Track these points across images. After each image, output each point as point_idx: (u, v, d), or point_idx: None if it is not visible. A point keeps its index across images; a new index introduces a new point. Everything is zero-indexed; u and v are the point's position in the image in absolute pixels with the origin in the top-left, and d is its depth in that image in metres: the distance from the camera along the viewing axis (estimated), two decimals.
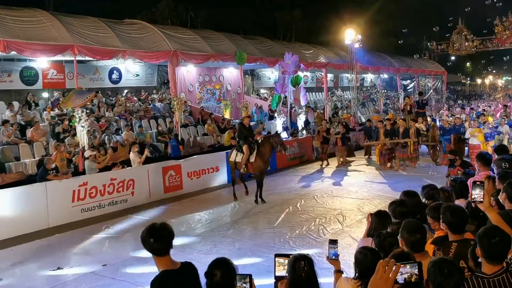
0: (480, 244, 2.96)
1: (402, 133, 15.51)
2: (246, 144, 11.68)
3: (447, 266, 2.67)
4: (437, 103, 35.17)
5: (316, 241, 8.49)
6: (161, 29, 16.60)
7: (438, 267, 2.70)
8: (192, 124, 18.33)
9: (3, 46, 11.69)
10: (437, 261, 2.80)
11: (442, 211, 3.70)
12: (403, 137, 15.40)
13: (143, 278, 7.18)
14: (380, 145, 16.06)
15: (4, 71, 16.81)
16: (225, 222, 10.39)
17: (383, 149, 16.01)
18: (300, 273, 3.12)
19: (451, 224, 3.62)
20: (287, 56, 19.42)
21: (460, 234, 3.64)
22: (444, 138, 16.07)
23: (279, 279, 3.24)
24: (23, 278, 7.45)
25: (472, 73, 61.40)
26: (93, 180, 11.19)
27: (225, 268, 3.07)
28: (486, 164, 6.23)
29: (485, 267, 2.94)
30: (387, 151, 15.97)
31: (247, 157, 11.62)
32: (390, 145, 15.69)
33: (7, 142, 13.00)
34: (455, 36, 41.12)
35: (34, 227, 9.81)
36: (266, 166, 11.94)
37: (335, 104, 27.84)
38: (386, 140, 15.64)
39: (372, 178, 14.36)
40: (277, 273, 3.22)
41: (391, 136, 15.68)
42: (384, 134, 15.79)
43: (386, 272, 2.27)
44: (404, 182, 12.78)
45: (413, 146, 15.44)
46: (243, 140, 11.87)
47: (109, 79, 20.41)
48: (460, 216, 3.64)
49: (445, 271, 2.63)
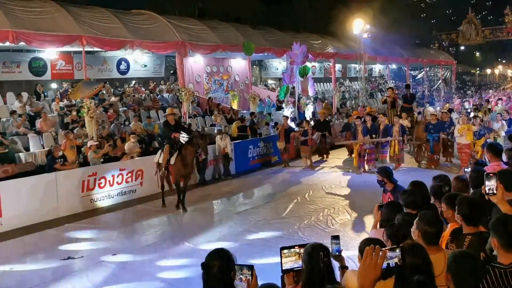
0: (496, 233, 2.89)
1: (382, 130, 13.76)
2: (168, 144, 10.61)
3: (469, 259, 2.61)
4: (447, 93, 34.87)
5: (325, 232, 8.49)
6: (169, 20, 16.54)
7: (460, 260, 2.63)
8: (200, 115, 18.33)
9: (12, 37, 11.70)
10: (458, 254, 2.74)
11: (458, 202, 3.62)
12: (383, 135, 13.70)
13: (152, 267, 7.26)
14: (358, 145, 13.92)
15: (13, 62, 16.87)
16: (233, 212, 10.42)
17: (362, 149, 13.83)
18: (319, 264, 2.98)
19: (467, 216, 3.55)
20: (295, 46, 19.30)
21: (475, 227, 3.58)
22: (432, 136, 14.04)
23: (286, 272, 3.17)
24: (33, 267, 7.52)
25: (481, 63, 60.74)
26: (102, 170, 11.25)
27: (222, 258, 2.95)
28: (496, 155, 6.16)
29: (502, 257, 2.87)
30: (366, 152, 13.84)
31: (167, 159, 10.49)
32: (370, 145, 13.79)
33: (17, 132, 13.07)
34: (464, 26, 40.72)
35: (44, 217, 9.90)
36: (187, 171, 10.60)
37: (343, 95, 27.73)
38: (366, 139, 13.65)
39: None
40: (284, 266, 3.15)
41: (371, 135, 13.79)
42: (363, 132, 13.73)
43: (373, 258, 2.26)
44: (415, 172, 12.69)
45: (398, 146, 13.76)
46: (166, 140, 10.86)
47: (117, 70, 20.43)
48: (476, 208, 3.58)
49: (467, 265, 2.57)
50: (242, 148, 14.95)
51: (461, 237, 3.57)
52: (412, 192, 4.52)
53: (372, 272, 2.25)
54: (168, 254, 7.85)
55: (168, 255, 7.81)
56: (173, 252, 7.94)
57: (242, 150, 14.91)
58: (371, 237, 3.71)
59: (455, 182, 4.96)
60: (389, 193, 6.09)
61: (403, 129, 13.92)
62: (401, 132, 13.76)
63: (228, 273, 2.89)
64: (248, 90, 20.83)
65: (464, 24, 40.58)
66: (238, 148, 14.69)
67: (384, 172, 6.29)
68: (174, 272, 7.09)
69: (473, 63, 58.21)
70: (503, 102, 22.69)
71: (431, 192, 4.80)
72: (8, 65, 16.77)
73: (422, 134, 14.35)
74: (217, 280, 2.88)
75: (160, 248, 8.16)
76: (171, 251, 8.01)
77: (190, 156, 10.39)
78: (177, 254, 7.84)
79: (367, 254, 2.28)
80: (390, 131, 13.76)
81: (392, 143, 13.70)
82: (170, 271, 7.15)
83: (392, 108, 16.36)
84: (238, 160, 14.63)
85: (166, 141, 10.77)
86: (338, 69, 30.88)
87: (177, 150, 10.40)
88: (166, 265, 7.39)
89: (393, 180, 6.14)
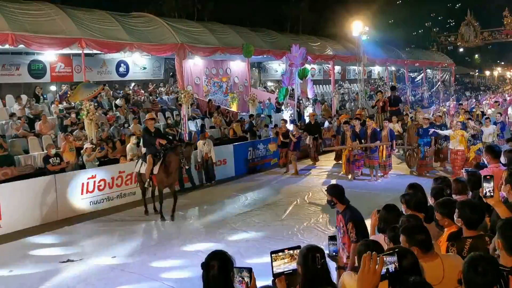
0: (503, 235, 2.86)
1: (370, 135, 12.94)
2: (150, 153, 10.09)
3: (481, 263, 2.52)
4: (446, 95, 34.89)
5: (324, 234, 8.47)
6: (168, 22, 16.54)
7: (472, 264, 2.55)
8: (199, 117, 18.34)
9: (11, 39, 11.69)
10: (470, 257, 2.66)
11: (460, 206, 3.62)
12: (371, 140, 12.89)
13: (151, 270, 7.25)
14: (347, 150, 13.22)
15: (12, 65, 16.87)
16: (232, 214, 10.41)
17: (350, 155, 13.12)
18: (315, 266, 2.96)
19: (469, 220, 3.55)
20: (294, 48, 19.33)
21: (475, 230, 3.58)
22: (423, 141, 13.33)
23: (277, 276, 3.15)
24: (33, 270, 7.50)
25: (480, 65, 60.88)
26: (101, 173, 11.25)
27: (222, 259, 2.95)
28: (495, 156, 6.17)
29: (504, 259, 2.84)
30: (355, 158, 13.09)
31: (151, 169, 10.02)
32: (358, 150, 13.02)
33: (16, 135, 13.07)
34: (463, 28, 40.79)
35: (43, 219, 9.90)
36: (170, 180, 10.13)
37: (342, 97, 27.74)
38: (354, 144, 12.94)
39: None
40: (275, 270, 3.13)
41: (360, 140, 13.03)
42: (352, 137, 13.03)
43: (372, 265, 2.26)
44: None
45: (385, 152, 13.01)
46: (147, 148, 10.29)
47: (116, 72, 20.43)
48: (479, 212, 3.59)
49: (479, 269, 2.48)
50: (241, 150, 14.95)
51: (462, 241, 3.56)
52: (414, 193, 4.53)
53: (372, 279, 2.25)
54: (168, 256, 7.85)
55: (167, 257, 7.80)
56: (173, 255, 7.94)
57: (241, 152, 14.91)
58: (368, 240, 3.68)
59: (454, 184, 4.97)
60: (340, 215, 5.20)
61: (392, 134, 13.37)
62: (390, 137, 13.17)
63: (227, 273, 2.89)
64: (248, 92, 20.84)
65: (463, 26, 40.65)
66: (237, 150, 14.69)
67: (333, 191, 5.30)
68: (174, 274, 7.09)
69: (472, 65, 58.34)
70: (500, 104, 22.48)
71: (432, 194, 4.79)
72: (7, 68, 16.77)
73: (413, 139, 13.68)
74: (217, 280, 2.89)
75: (159, 250, 8.15)
76: (171, 253, 8.01)
77: (174, 165, 9.91)
78: (177, 257, 7.84)
79: (365, 261, 2.28)
80: (379, 136, 13.01)
81: (380, 148, 12.97)
82: (169, 273, 7.14)
83: (382, 112, 15.98)
84: (238, 162, 14.63)
85: (148, 149, 10.23)
86: (337, 71, 30.93)
87: (160, 159, 9.97)
88: (166, 267, 7.39)
89: (344, 201, 5.22)
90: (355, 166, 13.22)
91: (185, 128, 15.11)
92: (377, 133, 13.00)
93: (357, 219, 4.98)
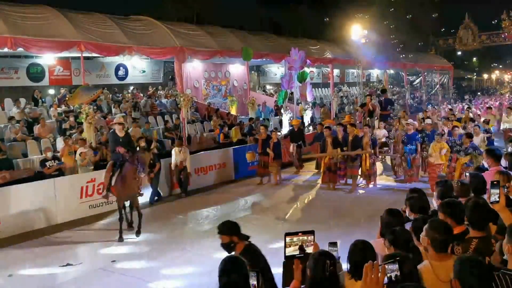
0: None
1: (350, 142, 12.13)
2: (112, 160, 9.36)
3: (476, 264, 2.56)
4: (444, 99, 34.92)
5: (325, 237, 8.43)
6: (167, 25, 16.54)
7: (467, 265, 2.59)
8: (198, 120, 18.32)
9: (10, 43, 11.66)
10: (465, 259, 2.70)
11: (466, 207, 3.67)
12: (352, 147, 12.07)
13: (152, 274, 7.21)
14: (327, 158, 12.36)
15: (11, 68, 16.87)
16: (233, 218, 10.33)
17: (331, 164, 12.31)
18: (324, 272, 2.93)
19: (476, 221, 3.60)
20: (293, 51, 19.33)
21: (481, 231, 3.62)
22: (409, 149, 12.35)
23: (289, 258, 3.13)
24: (32, 274, 7.46)
25: (479, 68, 60.99)
26: (101, 176, 11.17)
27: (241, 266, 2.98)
28: (496, 160, 6.19)
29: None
30: (337, 167, 12.30)
31: (109, 177, 9.20)
32: (339, 159, 12.26)
33: (15, 138, 13.03)
34: (461, 31, 40.88)
35: (42, 223, 9.87)
36: (127, 192, 9.08)
37: (341, 100, 27.76)
38: (334, 151, 12.20)
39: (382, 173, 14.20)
40: (287, 252, 3.12)
41: (341, 147, 12.24)
42: (333, 144, 12.28)
43: (374, 274, 2.24)
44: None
45: (369, 160, 12.20)
46: (111, 154, 9.62)
47: (115, 75, 20.45)
48: (485, 213, 3.63)
49: (474, 270, 2.52)
50: (241, 154, 14.91)
51: (467, 241, 3.59)
52: (418, 197, 4.53)
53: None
54: (169, 260, 7.80)
55: (169, 261, 7.75)
56: (174, 259, 7.88)
57: (241, 156, 14.88)
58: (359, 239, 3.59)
59: (457, 186, 4.97)
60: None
61: (374, 141, 12.67)
62: (372, 144, 12.38)
63: (246, 277, 2.91)
64: (247, 95, 20.83)
65: (461, 30, 40.75)
66: (237, 154, 14.67)
67: (227, 229, 4.37)
68: (176, 279, 7.05)
69: (470, 68, 58.45)
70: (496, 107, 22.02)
71: (436, 197, 4.80)
72: (6, 71, 16.78)
73: (400, 146, 12.66)
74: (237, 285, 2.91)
75: (161, 254, 8.10)
76: (172, 257, 7.95)
77: (130, 175, 8.91)
78: (178, 261, 7.79)
79: (367, 271, 2.27)
80: (360, 143, 12.16)
81: (363, 156, 12.16)
82: (170, 278, 7.10)
83: (370, 117, 15.41)
84: (238, 165, 14.61)
85: (112, 155, 9.57)
86: (336, 74, 30.99)
87: (118, 169, 9.11)
88: (167, 272, 7.34)
89: (243, 237, 4.37)
90: (338, 176, 12.45)
91: (184, 131, 15.08)
92: (358, 140, 12.15)
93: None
